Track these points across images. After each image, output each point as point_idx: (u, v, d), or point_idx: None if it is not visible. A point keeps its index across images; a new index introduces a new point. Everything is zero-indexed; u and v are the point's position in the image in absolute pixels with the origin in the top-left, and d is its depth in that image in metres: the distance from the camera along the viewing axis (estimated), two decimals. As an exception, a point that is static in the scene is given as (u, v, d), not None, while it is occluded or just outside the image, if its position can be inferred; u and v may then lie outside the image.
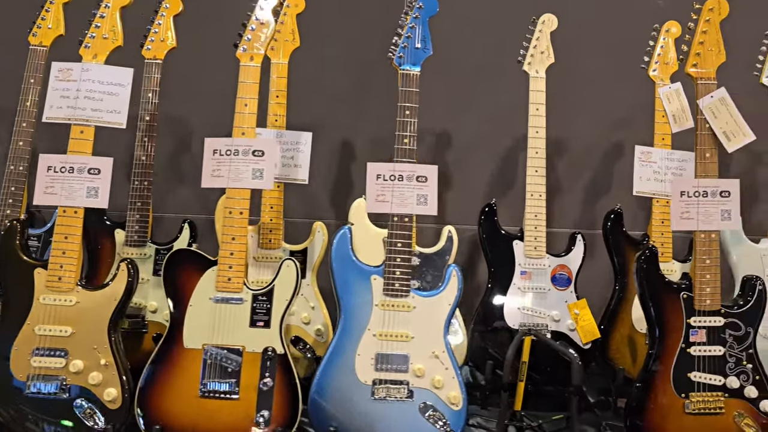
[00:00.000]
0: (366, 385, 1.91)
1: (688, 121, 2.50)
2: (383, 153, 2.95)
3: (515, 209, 3.09)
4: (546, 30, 2.50)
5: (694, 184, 1.95)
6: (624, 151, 3.12)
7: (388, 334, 1.93)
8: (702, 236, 1.97)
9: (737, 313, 1.98)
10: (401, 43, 2.03)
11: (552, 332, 2.38)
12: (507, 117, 2.96)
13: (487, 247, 2.42)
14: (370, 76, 3.04)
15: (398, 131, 2.00)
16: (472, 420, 2.27)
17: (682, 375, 1.96)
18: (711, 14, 1.96)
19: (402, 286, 1.94)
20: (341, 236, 1.96)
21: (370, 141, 3.10)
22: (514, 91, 2.64)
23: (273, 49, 2.40)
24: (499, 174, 3.12)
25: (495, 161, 3.11)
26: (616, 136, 3.11)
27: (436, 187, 1.98)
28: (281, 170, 2.36)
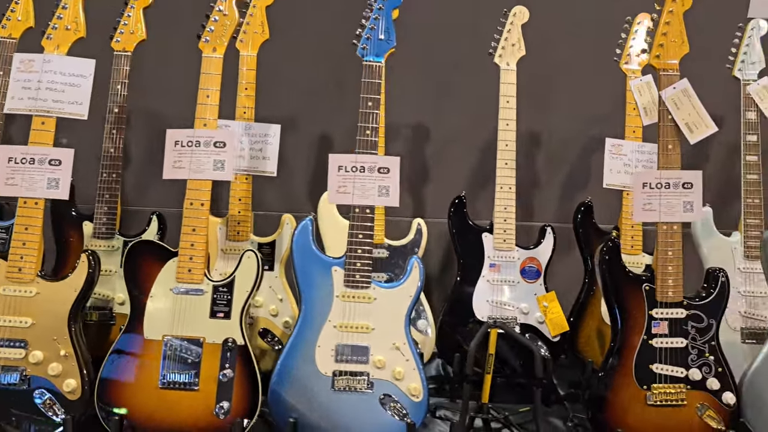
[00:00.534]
0: (326, 377, 1.91)
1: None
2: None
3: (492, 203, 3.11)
4: (517, 22, 2.49)
5: (656, 176, 1.94)
6: (602, 144, 3.11)
7: (349, 326, 1.92)
8: (664, 228, 1.96)
9: (700, 305, 1.98)
10: (365, 35, 2.03)
11: (521, 325, 2.38)
12: (486, 110, 2.94)
13: (456, 239, 2.42)
14: (346, 68, 3.02)
15: (360, 122, 1.99)
16: (440, 412, 2.28)
17: (644, 367, 1.95)
18: (674, 5, 1.95)
19: (363, 277, 1.93)
20: (302, 228, 1.96)
21: (348, 134, 3.04)
22: (494, 84, 2.64)
23: (242, 42, 2.39)
24: (478, 167, 3.11)
25: (474, 154, 3.10)
26: (593, 130, 3.09)
27: (398, 178, 1.98)
28: (249, 163, 2.36)
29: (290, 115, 3.06)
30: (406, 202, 3.13)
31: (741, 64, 2.51)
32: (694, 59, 2.62)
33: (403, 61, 3.05)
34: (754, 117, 2.48)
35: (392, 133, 3.13)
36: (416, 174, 3.08)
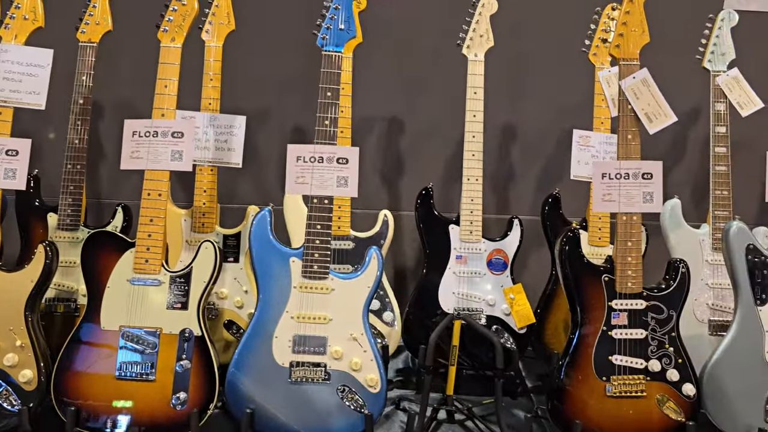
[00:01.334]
0: (283, 368, 1.90)
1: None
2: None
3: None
4: (486, 13, 2.48)
5: (615, 166, 1.93)
6: (576, 136, 3.12)
7: (306, 317, 1.92)
8: (624, 218, 1.95)
9: (659, 296, 1.97)
10: (324, 25, 2.02)
11: (487, 317, 2.37)
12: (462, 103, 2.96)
13: (423, 231, 2.41)
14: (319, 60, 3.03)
15: (319, 113, 1.98)
16: (404, 404, 2.27)
17: (604, 358, 1.95)
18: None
19: (321, 268, 1.92)
20: (260, 218, 1.95)
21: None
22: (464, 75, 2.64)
23: (208, 32, 2.38)
24: (452, 160, 3.10)
25: (450, 147, 3.08)
26: (569, 121, 3.07)
27: (357, 169, 1.97)
28: (215, 154, 2.35)
29: (264, 107, 3.06)
30: (381, 195, 3.12)
31: (711, 55, 2.49)
32: (672, 51, 2.65)
33: (379, 53, 3.08)
34: (723, 108, 2.47)
35: (367, 125, 3.14)
36: (391, 166, 3.07)
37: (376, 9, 3.02)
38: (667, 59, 2.66)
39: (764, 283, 1.97)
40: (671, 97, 2.87)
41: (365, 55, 3.08)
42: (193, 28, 2.44)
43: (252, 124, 3.05)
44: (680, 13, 2.87)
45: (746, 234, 1.98)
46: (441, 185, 3.02)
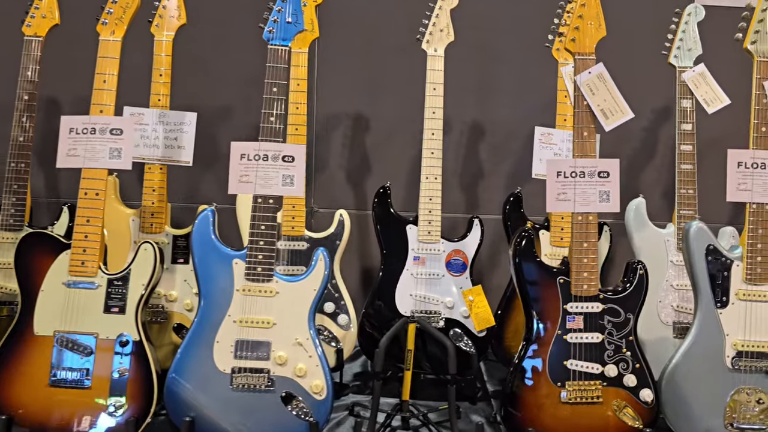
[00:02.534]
0: (225, 374, 1.82)
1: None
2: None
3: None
4: (446, 7, 2.41)
5: (570, 164, 1.87)
6: (547, 134, 3.06)
7: (249, 320, 1.84)
8: (579, 218, 1.88)
9: (616, 298, 1.90)
10: (271, 18, 1.94)
11: (446, 319, 2.30)
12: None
13: (379, 231, 2.34)
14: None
15: (264, 109, 1.91)
16: (358, 409, 2.20)
17: (559, 363, 1.88)
18: (590, -14, 1.88)
19: (265, 270, 1.85)
20: (202, 218, 1.87)
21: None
22: None
23: (158, 26, 2.31)
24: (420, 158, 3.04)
25: (417, 146, 3.02)
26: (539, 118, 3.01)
27: (304, 167, 1.89)
28: (164, 152, 2.27)
29: (228, 104, 2.99)
30: (347, 193, 3.06)
31: (677, 50, 2.43)
32: (645, 46, 2.59)
33: (344, 48, 3.01)
34: (689, 105, 2.41)
35: (332, 122, 3.07)
36: (357, 164, 3.01)
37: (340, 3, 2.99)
38: (642, 55, 2.62)
39: (724, 286, 1.91)
40: (644, 94, 2.85)
41: (329, 50, 3.04)
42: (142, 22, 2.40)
43: (216, 121, 3.01)
44: (655, 7, 2.81)
45: (706, 234, 1.92)
46: (408, 183, 2.96)
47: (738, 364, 1.91)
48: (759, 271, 1.90)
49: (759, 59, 1.93)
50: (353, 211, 2.93)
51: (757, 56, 1.93)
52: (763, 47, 1.93)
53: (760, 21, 1.93)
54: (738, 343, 1.91)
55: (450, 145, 2.99)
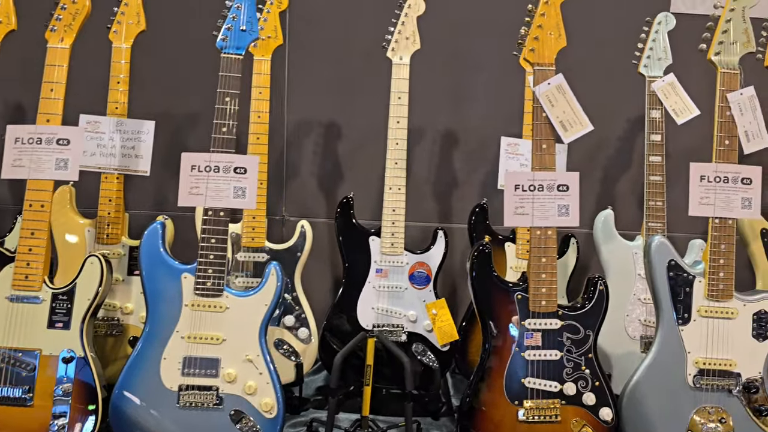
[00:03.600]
0: (172, 392, 1.77)
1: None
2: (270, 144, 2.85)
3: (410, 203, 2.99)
4: (412, 14, 2.36)
5: (529, 177, 1.82)
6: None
7: (198, 337, 1.79)
8: (537, 233, 1.83)
9: (576, 315, 1.86)
10: (225, 25, 1.89)
11: (408, 333, 2.25)
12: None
13: (341, 242, 2.29)
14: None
15: (216, 119, 1.86)
16: (316, 425, 2.15)
17: (516, 380, 1.83)
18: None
19: (214, 285, 1.80)
20: (150, 232, 1.82)
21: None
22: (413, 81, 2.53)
23: (116, 33, 2.26)
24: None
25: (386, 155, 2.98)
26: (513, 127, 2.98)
27: (256, 179, 1.85)
28: (121, 161, 2.22)
29: (196, 112, 2.93)
30: (320, 202, 3.01)
31: (647, 60, 2.39)
32: (622, 56, 2.55)
33: (315, 56, 2.96)
34: (658, 116, 2.37)
35: (303, 129, 3.02)
36: (329, 173, 2.96)
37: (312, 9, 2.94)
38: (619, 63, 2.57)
39: (686, 302, 1.86)
40: (620, 103, 2.82)
41: (300, 56, 2.99)
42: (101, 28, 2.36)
43: (186, 128, 2.97)
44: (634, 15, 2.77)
45: (668, 249, 1.88)
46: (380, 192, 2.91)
47: (700, 382, 1.86)
48: (721, 288, 1.86)
49: (723, 71, 1.89)
50: (325, 220, 2.89)
51: (720, 68, 1.89)
52: (727, 58, 1.89)
53: (724, 32, 1.89)
54: (700, 360, 1.86)
55: (423, 153, 2.95)
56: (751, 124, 1.87)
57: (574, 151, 2.99)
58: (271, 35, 2.35)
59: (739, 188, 1.86)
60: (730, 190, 1.86)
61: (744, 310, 1.87)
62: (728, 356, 1.86)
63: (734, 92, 1.87)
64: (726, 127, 1.88)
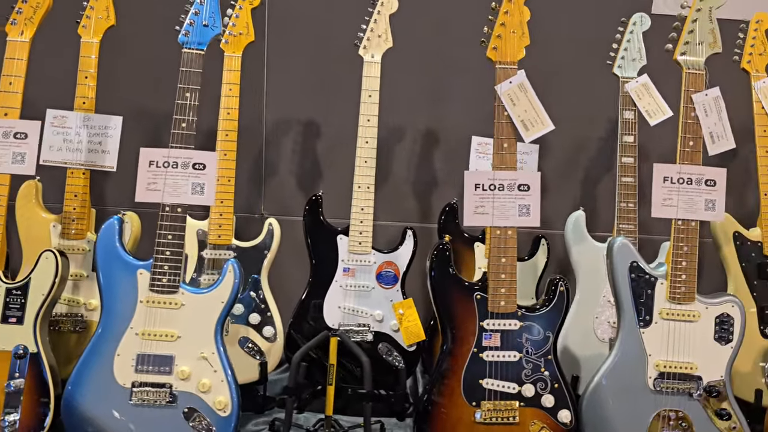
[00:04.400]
0: (125, 388, 1.76)
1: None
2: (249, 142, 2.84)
3: (388, 203, 2.97)
4: (385, 12, 2.35)
5: (489, 177, 1.80)
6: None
7: (152, 333, 1.78)
8: (497, 233, 1.82)
9: (535, 316, 1.84)
10: (187, 20, 1.88)
11: (375, 333, 2.23)
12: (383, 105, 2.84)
13: (309, 240, 2.27)
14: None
15: (176, 115, 1.85)
16: (278, 424, 2.13)
17: (474, 381, 1.82)
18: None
19: (170, 281, 1.79)
20: (107, 227, 1.81)
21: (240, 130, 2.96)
22: (387, 78, 2.51)
23: (85, 27, 2.25)
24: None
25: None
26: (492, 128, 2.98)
27: (215, 175, 1.83)
28: (86, 156, 2.21)
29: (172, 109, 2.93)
30: (299, 200, 2.98)
31: (621, 60, 2.37)
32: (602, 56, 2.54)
33: (295, 52, 2.95)
34: (631, 117, 2.34)
35: (282, 127, 3.01)
36: (307, 170, 2.94)
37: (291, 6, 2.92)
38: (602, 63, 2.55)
39: (648, 304, 1.84)
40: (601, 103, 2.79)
41: (279, 53, 2.98)
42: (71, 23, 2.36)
43: (161, 124, 2.95)
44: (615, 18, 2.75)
45: (630, 251, 1.86)
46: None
47: (660, 385, 1.84)
48: (683, 290, 1.84)
49: (688, 71, 1.87)
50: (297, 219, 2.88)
51: (686, 68, 1.87)
52: (693, 59, 1.87)
53: (690, 32, 1.87)
54: (660, 363, 1.84)
55: (402, 153, 2.93)
56: (716, 126, 1.85)
57: (554, 152, 3.00)
58: (243, 32, 2.33)
59: (702, 190, 1.84)
60: (693, 192, 1.84)
61: (706, 313, 1.85)
62: (690, 359, 1.84)
63: (699, 93, 1.85)
64: (690, 128, 1.86)
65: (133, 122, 2.48)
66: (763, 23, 2.41)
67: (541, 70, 2.78)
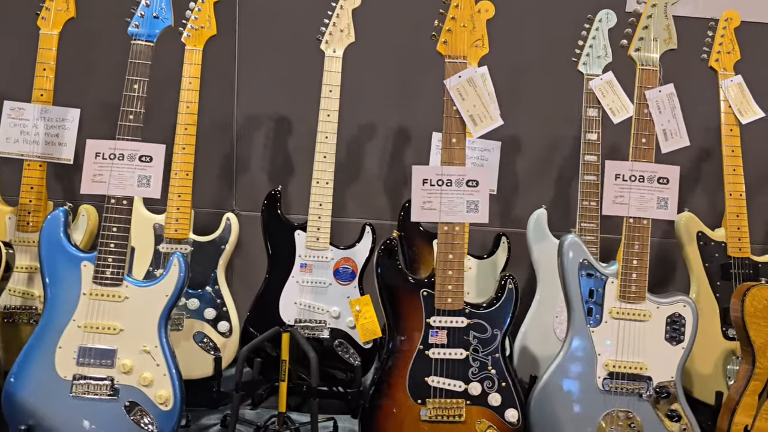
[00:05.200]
0: (65, 381, 1.75)
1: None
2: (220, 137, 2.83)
3: (361, 200, 2.96)
4: (348, 7, 2.33)
5: (437, 172, 1.78)
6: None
7: (95, 326, 1.76)
8: (445, 228, 1.80)
9: (483, 313, 1.82)
10: (138, 12, 1.86)
11: (331, 329, 2.22)
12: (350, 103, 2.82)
13: (267, 236, 2.26)
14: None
15: (124, 106, 1.83)
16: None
17: (420, 379, 1.79)
18: (464, -13, 1.80)
19: (114, 274, 1.77)
20: (51, 218, 1.79)
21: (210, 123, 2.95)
22: (359, 75, 2.49)
23: (44, 20, 2.24)
24: (345, 163, 2.96)
25: (339, 149, 2.93)
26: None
27: (162, 168, 1.82)
28: (43, 148, 2.20)
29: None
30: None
31: (586, 57, 2.35)
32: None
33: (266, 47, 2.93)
34: (595, 114, 2.32)
35: (253, 123, 2.99)
36: (278, 167, 2.93)
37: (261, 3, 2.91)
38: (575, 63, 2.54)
39: (598, 303, 1.82)
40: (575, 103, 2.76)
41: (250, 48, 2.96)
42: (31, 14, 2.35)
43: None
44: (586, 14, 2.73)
45: (580, 248, 1.83)
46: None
47: (609, 385, 1.81)
48: (634, 289, 1.81)
49: (641, 67, 1.84)
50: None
51: (639, 64, 1.85)
52: (647, 55, 1.84)
53: (644, 28, 1.84)
54: (610, 363, 1.82)
55: (375, 149, 2.92)
56: (670, 123, 1.82)
57: (527, 151, 2.98)
58: (205, 25, 2.32)
59: (655, 188, 1.82)
60: (645, 190, 1.81)
61: (657, 313, 1.83)
62: (640, 360, 1.81)
63: (653, 89, 1.82)
64: (643, 124, 1.83)
65: (100, 115, 2.49)
66: (732, 21, 2.39)
67: (514, 67, 2.81)
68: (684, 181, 2.94)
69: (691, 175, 2.87)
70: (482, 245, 2.54)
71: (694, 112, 2.83)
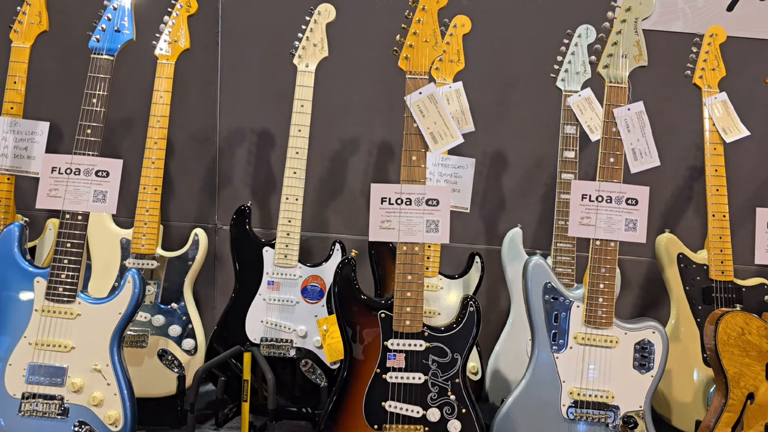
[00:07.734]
0: (14, 399, 1.72)
1: (467, 124, 2.30)
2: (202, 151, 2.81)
3: (345, 215, 2.92)
4: (322, 21, 2.30)
5: (396, 190, 1.74)
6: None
7: (46, 343, 1.73)
8: (404, 248, 1.74)
9: (443, 336, 1.76)
10: (99, 25, 1.85)
11: (297, 349, 2.17)
12: (333, 117, 2.79)
13: (235, 252, 2.23)
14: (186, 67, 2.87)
15: (81, 120, 1.81)
16: (194, 440, 2.09)
17: (377, 404, 1.74)
18: (427, 1, 1.75)
19: (67, 290, 1.74)
20: (5, 233, 1.77)
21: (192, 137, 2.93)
22: (344, 90, 2.46)
23: (17, 32, 2.23)
24: (328, 178, 2.92)
25: (323, 164, 2.91)
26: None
27: (119, 183, 1.79)
28: (12, 161, 2.19)
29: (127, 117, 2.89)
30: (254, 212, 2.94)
31: (564, 73, 2.30)
32: None
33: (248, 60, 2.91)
34: (573, 132, 2.27)
35: (236, 137, 2.97)
36: (261, 182, 2.90)
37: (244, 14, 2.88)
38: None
39: (562, 328, 1.76)
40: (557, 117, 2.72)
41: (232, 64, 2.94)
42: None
43: (118, 132, 2.93)
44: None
45: (544, 271, 1.77)
46: (314, 202, 2.86)
47: (574, 413, 1.75)
48: (600, 314, 1.75)
49: (610, 84, 1.79)
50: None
51: (608, 81, 1.79)
52: (615, 72, 1.78)
53: (613, 44, 1.79)
54: (575, 391, 1.75)
55: (358, 164, 2.88)
56: (639, 142, 1.76)
57: (511, 168, 2.93)
58: (178, 39, 2.31)
59: (623, 209, 1.75)
60: (613, 211, 1.75)
61: (625, 339, 1.76)
62: (606, 387, 1.75)
63: (621, 107, 1.77)
64: (611, 143, 1.78)
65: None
66: (717, 37, 2.33)
67: (499, 82, 2.76)
68: (674, 201, 2.91)
69: (683, 194, 2.81)
70: (458, 264, 2.49)
71: (684, 129, 2.81)
